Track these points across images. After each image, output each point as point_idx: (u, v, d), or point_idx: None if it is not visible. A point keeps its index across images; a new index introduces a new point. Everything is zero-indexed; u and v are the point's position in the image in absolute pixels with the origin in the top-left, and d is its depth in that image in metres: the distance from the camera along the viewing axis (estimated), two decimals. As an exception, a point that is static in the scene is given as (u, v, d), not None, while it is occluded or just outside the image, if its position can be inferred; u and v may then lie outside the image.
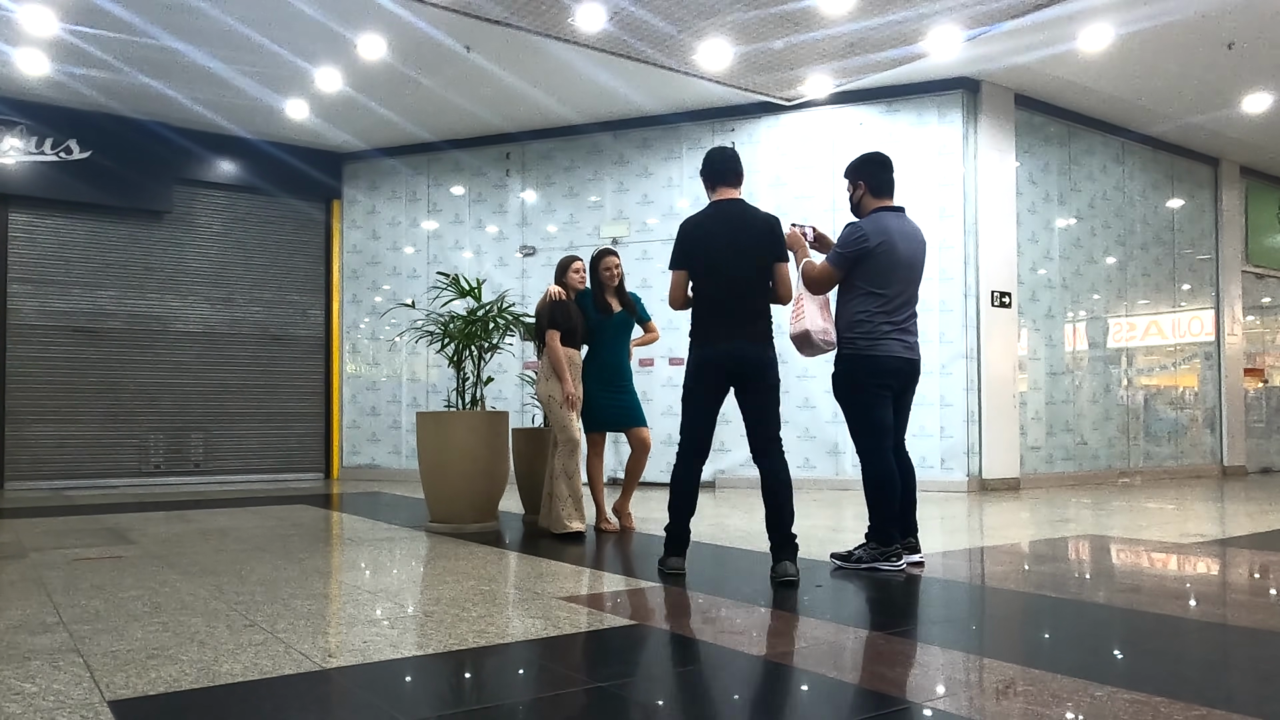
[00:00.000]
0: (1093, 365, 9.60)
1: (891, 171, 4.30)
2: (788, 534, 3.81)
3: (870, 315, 4.07)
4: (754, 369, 3.87)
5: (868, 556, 4.08)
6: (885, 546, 4.06)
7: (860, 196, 4.27)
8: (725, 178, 4.02)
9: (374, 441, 10.27)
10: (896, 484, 4.10)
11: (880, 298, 4.07)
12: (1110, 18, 6.97)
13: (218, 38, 7.27)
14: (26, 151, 8.86)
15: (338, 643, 2.79)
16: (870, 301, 4.07)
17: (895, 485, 4.09)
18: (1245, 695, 2.32)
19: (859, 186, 4.27)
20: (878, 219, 4.12)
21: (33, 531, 5.58)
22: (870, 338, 4.07)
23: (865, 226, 4.09)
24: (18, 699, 2.22)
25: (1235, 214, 11.05)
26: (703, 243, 3.94)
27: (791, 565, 3.78)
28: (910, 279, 4.15)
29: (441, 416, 5.73)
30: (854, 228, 4.12)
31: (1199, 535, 5.38)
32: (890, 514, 4.07)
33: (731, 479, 8.68)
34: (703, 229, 3.95)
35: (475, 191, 9.97)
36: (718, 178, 4.03)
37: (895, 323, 4.10)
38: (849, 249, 4.07)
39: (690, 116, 9.06)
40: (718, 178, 4.03)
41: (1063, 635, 3.02)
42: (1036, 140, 8.99)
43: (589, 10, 6.68)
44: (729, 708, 2.30)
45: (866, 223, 4.12)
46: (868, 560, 4.07)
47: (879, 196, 4.22)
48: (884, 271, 4.06)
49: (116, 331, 9.43)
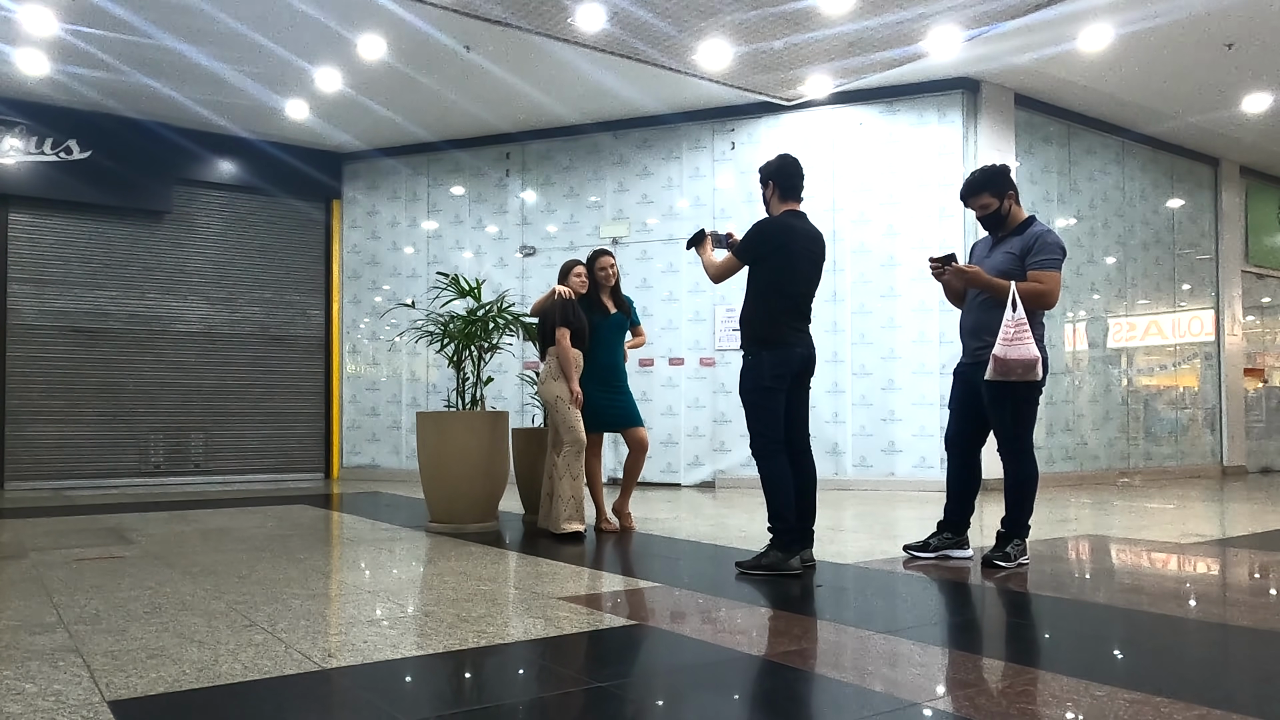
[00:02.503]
0: (1093, 365, 9.61)
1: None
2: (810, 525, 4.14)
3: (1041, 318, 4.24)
4: (812, 368, 4.20)
5: (1018, 554, 4.22)
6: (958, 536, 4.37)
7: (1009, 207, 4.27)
8: (798, 192, 4.20)
9: (374, 441, 10.27)
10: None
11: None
12: (1110, 18, 6.97)
13: (218, 38, 7.27)
14: (26, 151, 8.86)
15: (338, 643, 2.79)
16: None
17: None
18: (1245, 695, 2.32)
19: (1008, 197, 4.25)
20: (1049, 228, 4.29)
21: (33, 531, 5.58)
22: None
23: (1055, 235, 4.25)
24: (18, 699, 2.22)
25: (1235, 214, 11.05)
26: (788, 246, 4.09)
27: (809, 552, 4.12)
28: None
29: (441, 416, 5.73)
30: (1055, 236, 4.23)
31: (1199, 535, 5.38)
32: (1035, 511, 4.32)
33: (731, 479, 8.68)
34: (789, 234, 4.11)
35: (475, 191, 9.97)
36: (791, 192, 4.19)
37: None
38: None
39: (690, 116, 9.06)
40: (791, 192, 4.19)
41: (1063, 635, 3.02)
42: (1036, 140, 8.99)
43: (589, 10, 6.68)
44: (729, 708, 2.30)
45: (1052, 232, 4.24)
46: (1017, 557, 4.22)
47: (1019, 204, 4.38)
48: None
49: (116, 331, 9.42)
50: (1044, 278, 4.06)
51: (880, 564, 4.32)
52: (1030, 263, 4.08)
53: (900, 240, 8.38)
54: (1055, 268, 4.08)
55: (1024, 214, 4.27)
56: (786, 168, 4.19)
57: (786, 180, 4.18)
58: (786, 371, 4.04)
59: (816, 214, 8.46)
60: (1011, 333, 3.99)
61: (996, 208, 4.21)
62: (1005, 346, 3.99)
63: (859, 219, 8.47)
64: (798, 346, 4.08)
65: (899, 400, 8.22)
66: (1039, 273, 4.06)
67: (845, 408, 8.35)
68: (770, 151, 8.82)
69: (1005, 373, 4.02)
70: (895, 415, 8.13)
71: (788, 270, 4.08)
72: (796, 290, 4.11)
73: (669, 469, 8.91)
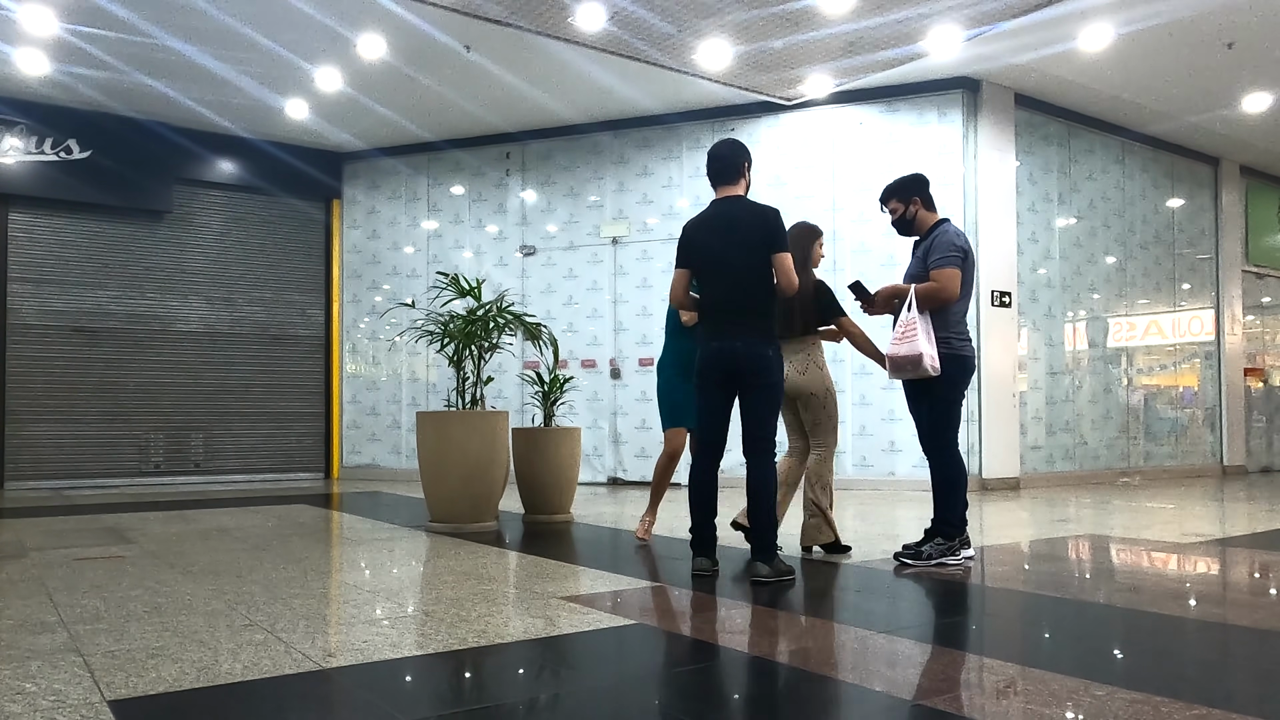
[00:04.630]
0: (1093, 365, 9.60)
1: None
2: (760, 535, 3.86)
3: (962, 317, 4.29)
4: (752, 366, 3.85)
5: (937, 553, 4.21)
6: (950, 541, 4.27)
7: (915, 212, 4.39)
8: (723, 176, 4.05)
9: (374, 441, 10.27)
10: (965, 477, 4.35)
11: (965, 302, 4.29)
12: (1110, 17, 6.97)
13: (218, 38, 7.27)
14: (26, 151, 8.86)
15: (338, 643, 2.79)
16: (965, 304, 4.29)
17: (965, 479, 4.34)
18: (1245, 695, 2.32)
19: (913, 203, 4.39)
20: (958, 229, 4.32)
21: (33, 531, 5.58)
22: (963, 339, 4.26)
23: (962, 236, 4.27)
24: (18, 699, 2.22)
25: (1235, 214, 11.05)
26: (702, 242, 3.99)
27: (762, 565, 3.80)
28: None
29: (441, 416, 5.73)
30: (952, 234, 4.25)
31: (1199, 535, 5.37)
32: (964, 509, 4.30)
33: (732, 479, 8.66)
34: (703, 229, 4.02)
35: (475, 191, 9.97)
36: (715, 177, 4.09)
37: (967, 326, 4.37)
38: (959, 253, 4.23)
39: (690, 116, 9.06)
40: (715, 177, 4.09)
41: (1063, 635, 3.02)
42: (1036, 140, 8.99)
43: (589, 10, 6.67)
44: (729, 707, 2.30)
45: (953, 231, 4.27)
46: (937, 556, 4.20)
47: (932, 210, 4.41)
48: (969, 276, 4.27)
49: (116, 331, 9.42)
50: (937, 275, 4.19)
51: (880, 563, 4.32)
52: (929, 263, 4.23)
53: (900, 240, 8.34)
54: (949, 265, 4.18)
55: (934, 218, 4.38)
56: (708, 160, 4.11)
57: (709, 170, 4.10)
58: (707, 369, 3.93)
59: (817, 214, 8.53)
60: (900, 332, 4.19)
61: (902, 213, 4.39)
62: (894, 345, 4.19)
63: (859, 219, 8.47)
64: (713, 342, 3.90)
65: (899, 400, 8.21)
66: (935, 271, 4.20)
67: (846, 407, 8.34)
68: (770, 151, 8.91)
69: (898, 370, 4.20)
70: (895, 415, 8.12)
71: (696, 269, 4.03)
72: (706, 287, 4.00)
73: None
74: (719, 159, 4.06)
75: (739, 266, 3.90)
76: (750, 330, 3.86)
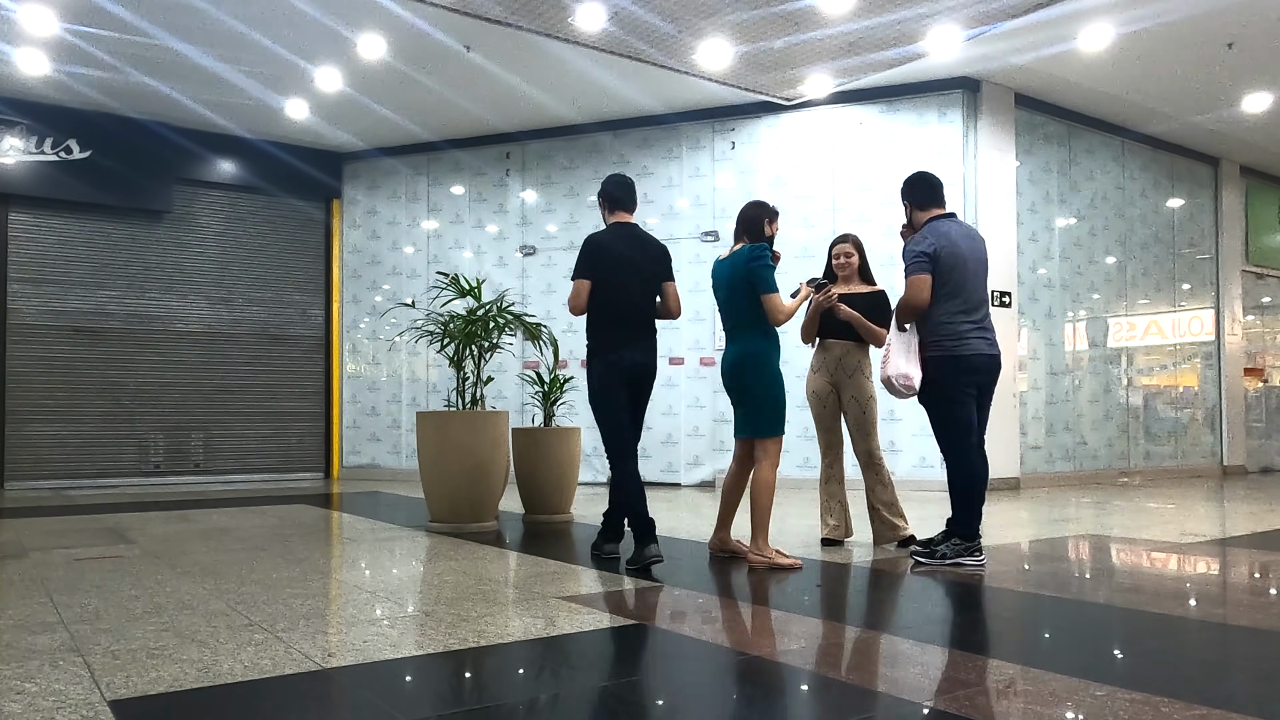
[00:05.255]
0: (1093, 365, 9.60)
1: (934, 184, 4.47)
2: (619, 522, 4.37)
3: (951, 316, 4.19)
4: (647, 375, 4.35)
5: (953, 553, 4.17)
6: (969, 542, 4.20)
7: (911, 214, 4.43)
8: (625, 203, 4.44)
9: (374, 441, 10.27)
10: (982, 480, 4.26)
11: (958, 299, 4.20)
12: (1110, 17, 6.97)
13: (218, 38, 7.27)
14: (26, 151, 8.86)
15: (338, 642, 2.79)
16: (952, 303, 4.20)
17: (982, 481, 4.25)
18: (1245, 695, 2.32)
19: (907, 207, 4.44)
20: (936, 226, 4.27)
21: (33, 531, 5.58)
22: (955, 338, 4.18)
23: (929, 235, 4.23)
24: (18, 699, 2.22)
25: (1235, 214, 11.05)
26: (608, 259, 4.29)
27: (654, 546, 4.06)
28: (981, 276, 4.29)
29: (441, 416, 5.73)
30: (917, 239, 4.25)
31: (1199, 535, 5.38)
32: (978, 510, 4.22)
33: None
34: (607, 246, 4.32)
35: (475, 191, 9.97)
36: (617, 203, 4.44)
37: (975, 321, 4.22)
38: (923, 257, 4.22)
39: (690, 116, 9.06)
40: (617, 203, 4.44)
41: (1063, 635, 3.02)
42: (1036, 140, 8.99)
43: (589, 10, 6.67)
44: (729, 707, 2.30)
45: (929, 232, 4.24)
46: (952, 555, 4.17)
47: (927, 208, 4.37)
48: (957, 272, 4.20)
49: (117, 331, 9.42)
50: (905, 285, 4.23)
51: (880, 563, 4.32)
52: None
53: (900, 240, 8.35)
54: (911, 272, 4.21)
55: (926, 217, 4.36)
56: (608, 186, 4.46)
57: (610, 196, 4.44)
58: (619, 377, 4.24)
59: (817, 214, 8.53)
60: (883, 354, 4.31)
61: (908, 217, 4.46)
62: (880, 368, 4.31)
63: (859, 219, 8.47)
64: (624, 351, 4.25)
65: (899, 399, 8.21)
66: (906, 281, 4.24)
67: (845, 407, 8.34)
68: (770, 151, 8.91)
69: (892, 392, 4.29)
70: (895, 415, 8.12)
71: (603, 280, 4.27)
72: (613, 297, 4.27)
73: (669, 468, 8.92)
74: (626, 186, 4.47)
75: (642, 285, 4.33)
76: (648, 344, 4.35)
